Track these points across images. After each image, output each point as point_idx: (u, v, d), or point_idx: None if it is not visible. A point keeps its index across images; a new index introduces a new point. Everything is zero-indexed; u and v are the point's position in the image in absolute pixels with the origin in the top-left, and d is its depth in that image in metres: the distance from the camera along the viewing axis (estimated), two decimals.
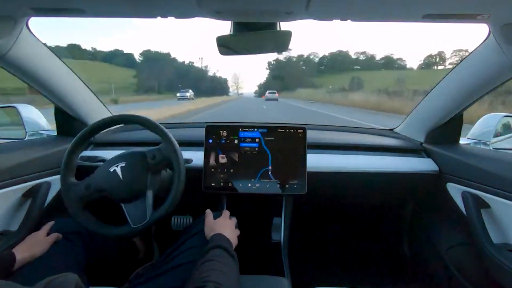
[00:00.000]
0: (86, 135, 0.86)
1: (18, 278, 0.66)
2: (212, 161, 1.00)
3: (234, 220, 0.84)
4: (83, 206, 0.80)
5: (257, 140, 1.01)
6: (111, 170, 0.80)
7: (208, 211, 0.83)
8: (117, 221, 0.81)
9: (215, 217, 0.81)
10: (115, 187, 0.79)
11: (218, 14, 0.64)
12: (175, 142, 0.83)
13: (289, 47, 0.78)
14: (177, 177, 0.80)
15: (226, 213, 0.85)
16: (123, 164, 0.81)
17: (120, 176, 0.80)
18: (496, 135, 1.24)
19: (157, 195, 0.84)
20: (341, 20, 0.66)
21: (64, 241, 0.79)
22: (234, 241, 0.74)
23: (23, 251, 0.70)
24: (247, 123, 1.04)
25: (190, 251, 0.75)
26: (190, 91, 32.28)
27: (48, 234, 0.78)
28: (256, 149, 1.01)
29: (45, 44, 0.89)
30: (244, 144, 1.01)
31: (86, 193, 0.80)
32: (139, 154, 0.83)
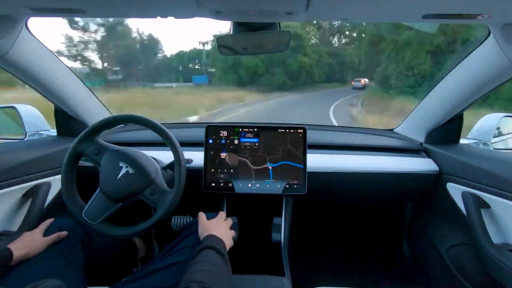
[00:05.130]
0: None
1: (15, 276, 0.65)
2: (212, 161, 1.00)
3: (229, 221, 0.83)
4: (75, 161, 0.82)
5: (257, 140, 1.01)
6: (119, 165, 0.80)
7: (201, 212, 0.82)
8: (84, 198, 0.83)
9: (210, 218, 0.80)
10: (105, 176, 0.80)
11: (218, 14, 0.64)
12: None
13: None
14: (159, 213, 0.78)
15: (221, 214, 0.84)
16: (130, 171, 0.80)
17: (119, 176, 0.79)
18: (496, 135, 1.24)
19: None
20: (341, 20, 0.67)
21: (62, 240, 0.79)
22: (228, 241, 0.73)
23: (19, 248, 0.69)
24: (247, 123, 1.05)
25: (184, 250, 0.75)
26: None
27: (46, 232, 0.78)
28: (256, 149, 1.01)
29: (44, 44, 0.89)
30: (244, 143, 1.01)
31: (89, 153, 0.82)
32: (148, 178, 0.81)
